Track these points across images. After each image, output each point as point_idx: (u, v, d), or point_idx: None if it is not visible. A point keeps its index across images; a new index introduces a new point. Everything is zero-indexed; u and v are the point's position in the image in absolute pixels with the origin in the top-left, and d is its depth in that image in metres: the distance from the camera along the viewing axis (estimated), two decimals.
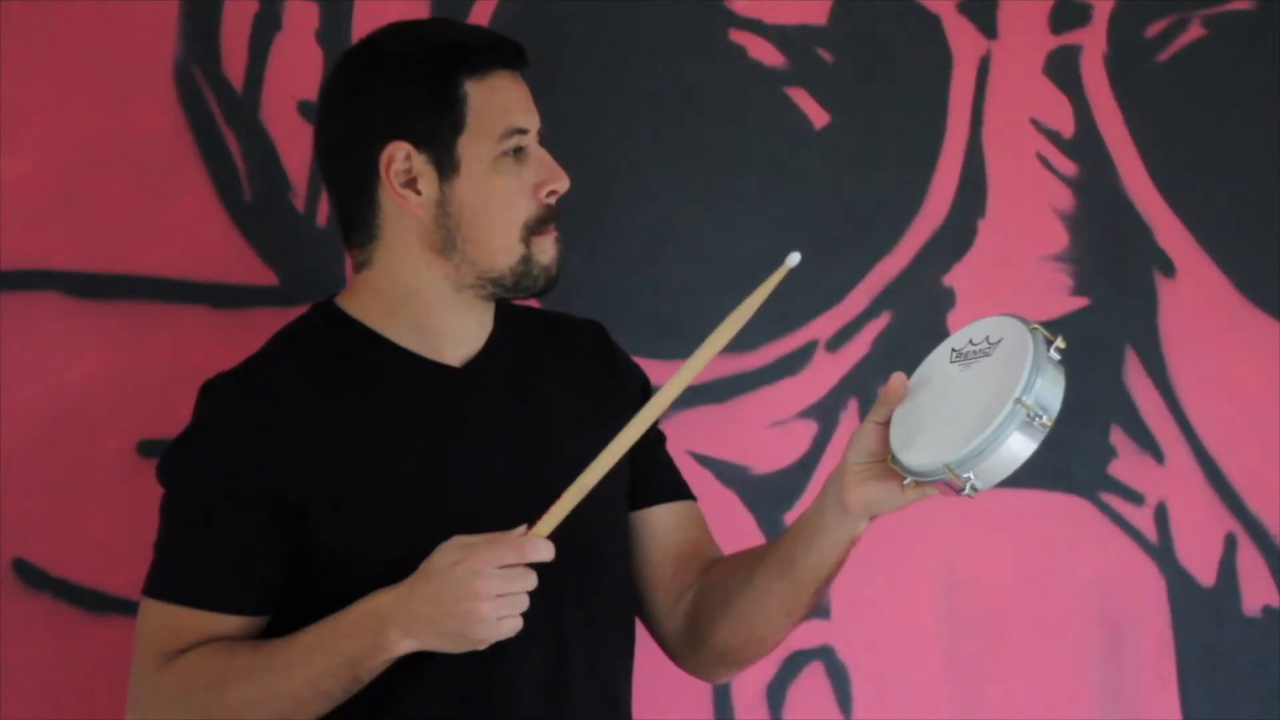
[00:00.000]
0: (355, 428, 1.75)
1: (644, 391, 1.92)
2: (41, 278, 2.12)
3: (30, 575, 2.10)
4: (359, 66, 1.81)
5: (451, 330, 1.80)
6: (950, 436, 1.57)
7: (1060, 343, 1.58)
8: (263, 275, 2.17)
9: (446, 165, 1.76)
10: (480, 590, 1.62)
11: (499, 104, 1.77)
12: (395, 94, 1.77)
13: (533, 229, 1.78)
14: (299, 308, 1.87)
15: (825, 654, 2.29)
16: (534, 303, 1.94)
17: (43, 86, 2.13)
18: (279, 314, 1.91)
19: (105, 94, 2.14)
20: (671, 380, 1.69)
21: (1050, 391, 1.56)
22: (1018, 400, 1.54)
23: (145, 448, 2.10)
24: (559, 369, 1.87)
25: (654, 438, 1.91)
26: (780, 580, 1.75)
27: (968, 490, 1.56)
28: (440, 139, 1.76)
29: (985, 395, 1.57)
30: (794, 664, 2.28)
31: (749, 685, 2.26)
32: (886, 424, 1.65)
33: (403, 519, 1.73)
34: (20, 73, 2.12)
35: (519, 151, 1.78)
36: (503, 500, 1.76)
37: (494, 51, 1.79)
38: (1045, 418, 1.55)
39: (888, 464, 1.63)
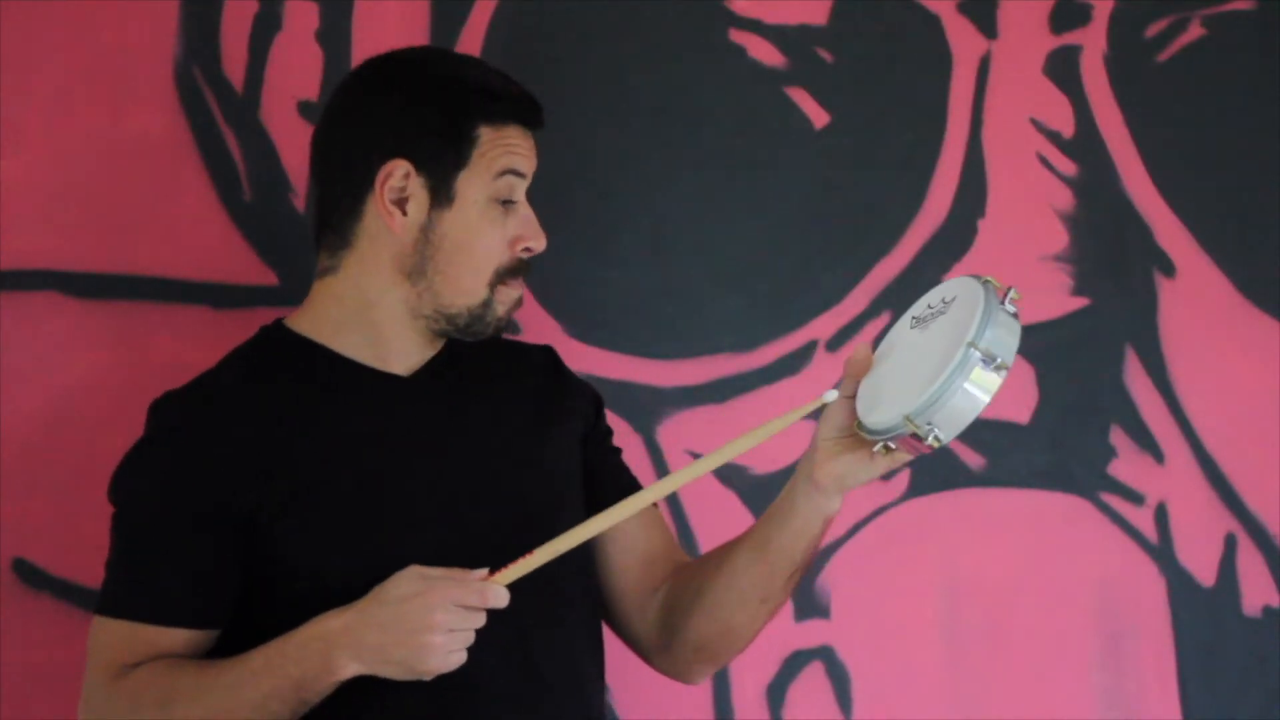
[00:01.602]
0: (301, 435, 1.76)
1: (597, 408, 1.93)
2: (41, 278, 2.12)
3: (30, 575, 2.10)
4: (384, 77, 1.83)
5: (401, 344, 1.82)
6: (908, 390, 1.58)
7: (1015, 294, 1.58)
8: (262, 275, 2.17)
9: (441, 195, 1.78)
10: (436, 624, 1.63)
11: (504, 147, 1.80)
12: (411, 113, 1.79)
13: (502, 277, 1.80)
14: (298, 308, 1.87)
15: (825, 654, 2.29)
16: None
17: (43, 86, 2.13)
18: (279, 314, 1.91)
19: (105, 94, 2.14)
20: (688, 467, 1.71)
21: (1003, 338, 1.56)
22: (969, 344, 1.54)
23: None
24: (507, 383, 1.88)
25: (609, 449, 1.93)
26: (756, 564, 1.76)
27: (931, 440, 1.56)
28: (442, 168, 1.78)
29: (939, 348, 1.58)
30: (794, 664, 2.28)
31: (749, 685, 2.26)
32: (853, 398, 1.65)
33: (347, 526, 1.73)
34: (20, 73, 2.12)
35: (508, 204, 1.80)
36: (447, 507, 1.77)
37: (516, 106, 1.82)
38: (999, 360, 1.55)
39: (857, 436, 1.63)
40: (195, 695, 1.69)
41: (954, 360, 1.55)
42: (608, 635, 1.91)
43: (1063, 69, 2.36)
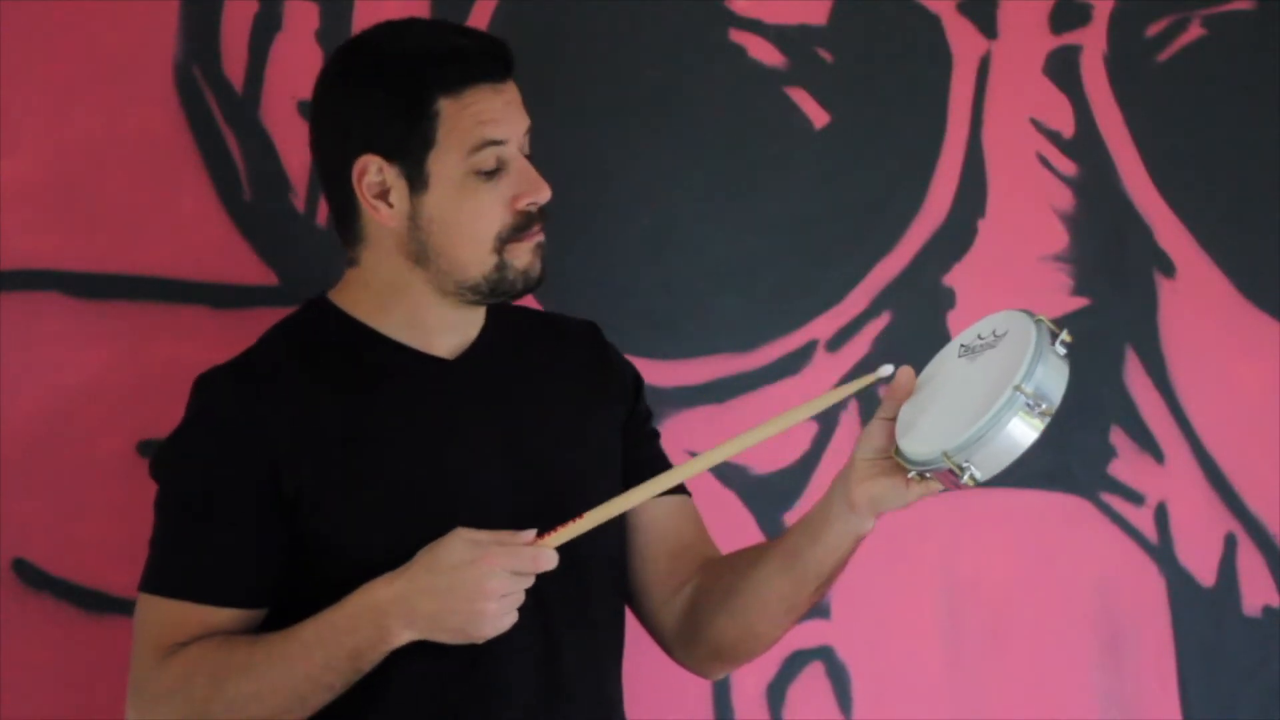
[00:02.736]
0: (346, 415, 1.76)
1: (636, 388, 1.93)
2: (41, 278, 2.12)
3: (30, 575, 2.10)
4: (337, 75, 1.81)
5: (441, 324, 1.81)
6: (950, 425, 1.57)
7: (1066, 336, 1.58)
8: (262, 275, 2.17)
9: (416, 180, 1.76)
10: (490, 590, 1.64)
11: (472, 117, 1.75)
12: (367, 107, 1.77)
13: (506, 239, 1.77)
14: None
15: (825, 654, 2.29)
16: (532, 301, 1.93)
17: (43, 86, 2.13)
18: (279, 314, 1.91)
19: (105, 94, 2.14)
20: (732, 440, 1.72)
21: (1052, 381, 1.56)
22: (1016, 388, 1.54)
23: (145, 448, 2.10)
24: (550, 365, 1.88)
25: (647, 433, 1.93)
26: (783, 575, 1.76)
27: (966, 479, 1.56)
28: (410, 154, 1.75)
29: (986, 384, 1.58)
30: (794, 664, 2.28)
31: (749, 685, 2.26)
32: (894, 420, 1.65)
33: (392, 506, 1.74)
34: (20, 73, 2.12)
35: (497, 164, 1.76)
36: (489, 490, 1.77)
37: (472, 66, 1.76)
38: (1045, 405, 1.55)
39: (894, 460, 1.63)
40: (248, 670, 1.69)
41: (999, 401, 1.54)
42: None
43: (1063, 69, 2.36)
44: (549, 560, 1.66)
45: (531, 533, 1.67)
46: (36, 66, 2.13)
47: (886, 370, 1.65)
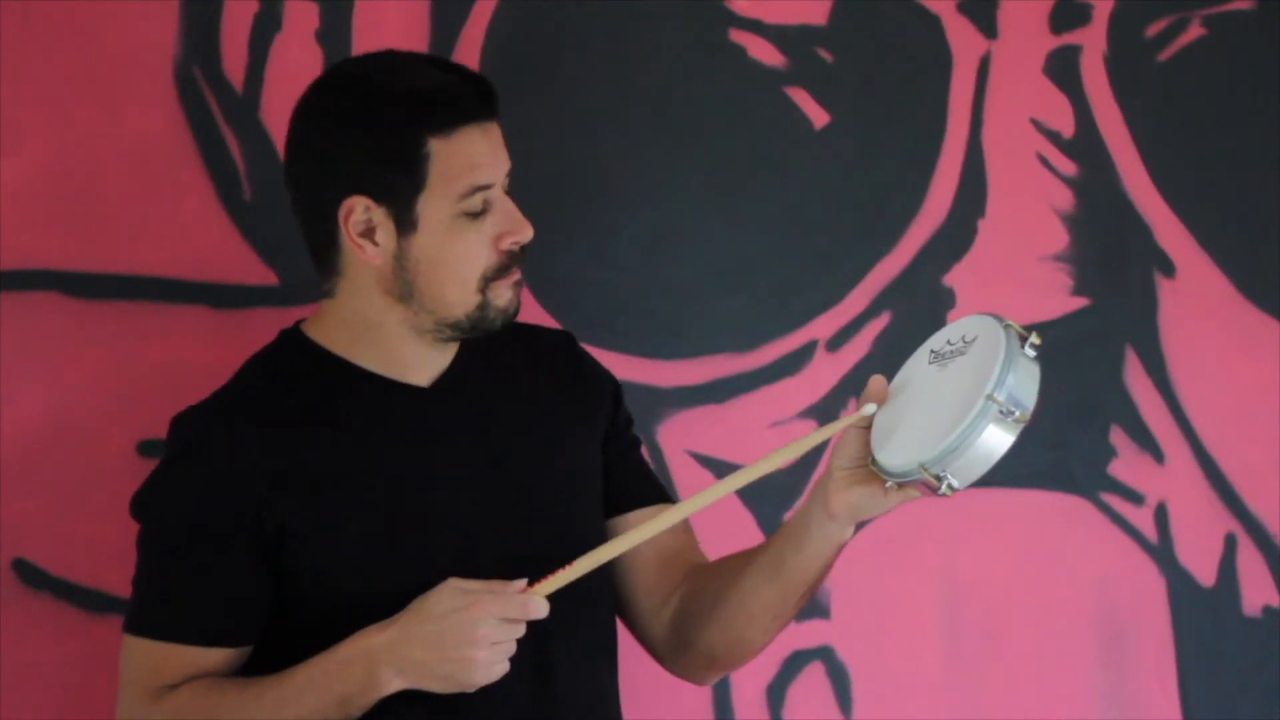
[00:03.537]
0: (325, 450, 1.76)
1: (615, 397, 1.93)
2: (41, 278, 2.12)
3: (30, 575, 2.11)
4: (322, 112, 1.78)
5: (416, 357, 1.81)
6: (924, 436, 1.58)
7: (1035, 339, 1.58)
8: (262, 275, 2.18)
9: (405, 222, 1.74)
10: (479, 638, 1.64)
11: (463, 161, 1.74)
12: (357, 148, 1.74)
13: (490, 278, 1.77)
14: (299, 308, 1.88)
15: (825, 654, 2.29)
16: (527, 299, 1.93)
17: (43, 87, 2.13)
18: (279, 314, 1.91)
19: (105, 94, 2.14)
20: (719, 484, 1.72)
21: (1024, 387, 1.56)
22: (989, 397, 1.54)
23: (145, 448, 2.10)
24: (526, 384, 1.87)
25: (629, 442, 1.92)
26: (768, 584, 1.76)
27: (944, 489, 1.56)
28: (400, 197, 1.74)
29: (959, 394, 1.58)
30: (794, 664, 2.28)
31: (749, 685, 2.26)
32: (869, 428, 1.65)
33: (374, 539, 1.74)
34: (20, 73, 2.12)
35: (484, 206, 1.75)
36: (473, 519, 1.77)
37: (462, 108, 1.75)
38: (1019, 412, 1.55)
39: (871, 468, 1.63)
40: (238, 713, 1.69)
41: (972, 412, 1.54)
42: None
43: (1063, 69, 2.36)
44: (539, 608, 1.66)
45: (522, 582, 1.67)
46: (36, 66, 2.13)
47: (871, 410, 1.65)
